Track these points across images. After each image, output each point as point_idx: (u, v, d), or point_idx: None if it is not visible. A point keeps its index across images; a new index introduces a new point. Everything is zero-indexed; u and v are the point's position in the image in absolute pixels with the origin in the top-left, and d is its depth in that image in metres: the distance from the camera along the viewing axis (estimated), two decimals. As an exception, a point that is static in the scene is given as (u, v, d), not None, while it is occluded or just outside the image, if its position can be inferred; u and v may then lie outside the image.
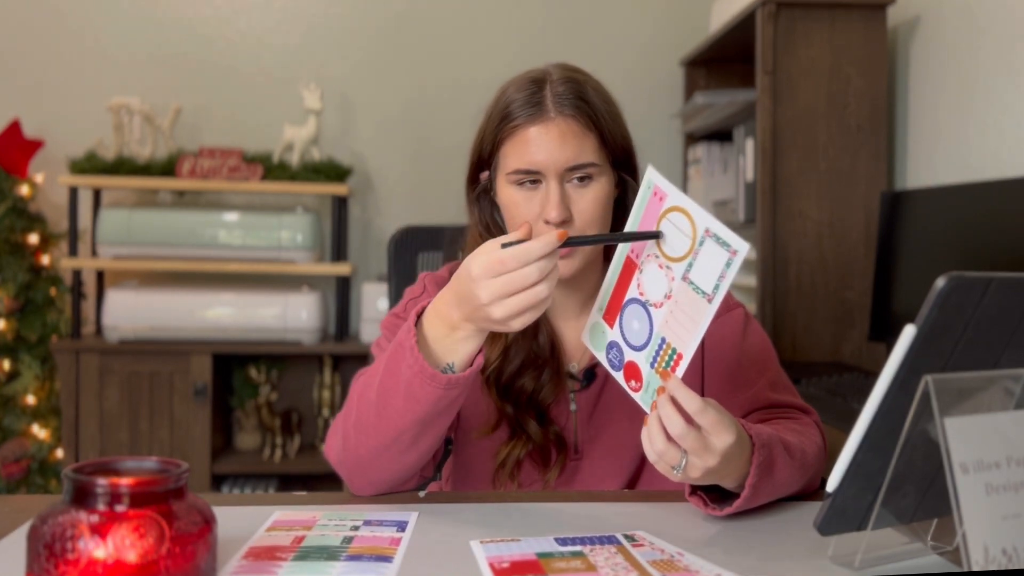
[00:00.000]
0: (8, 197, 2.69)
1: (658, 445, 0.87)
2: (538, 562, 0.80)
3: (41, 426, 2.72)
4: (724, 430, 0.87)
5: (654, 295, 0.93)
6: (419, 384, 0.94)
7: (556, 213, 1.07)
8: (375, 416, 0.98)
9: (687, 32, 3.12)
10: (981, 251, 1.89)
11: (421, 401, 0.95)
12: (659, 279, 0.93)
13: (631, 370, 0.96)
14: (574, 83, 1.11)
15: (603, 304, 1.00)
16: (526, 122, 1.09)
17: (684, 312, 0.90)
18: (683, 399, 0.86)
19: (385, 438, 0.98)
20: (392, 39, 3.11)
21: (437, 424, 0.99)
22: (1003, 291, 0.74)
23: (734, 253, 0.85)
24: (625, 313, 0.97)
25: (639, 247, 0.96)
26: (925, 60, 2.43)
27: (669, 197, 0.91)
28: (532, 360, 1.14)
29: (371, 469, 1.02)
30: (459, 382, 0.95)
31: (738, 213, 2.60)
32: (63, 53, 3.01)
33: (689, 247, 0.89)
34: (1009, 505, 0.73)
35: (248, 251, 2.80)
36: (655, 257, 0.93)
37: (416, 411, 0.96)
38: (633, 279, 0.96)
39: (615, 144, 1.13)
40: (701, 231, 0.88)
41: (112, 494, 0.66)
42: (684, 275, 0.90)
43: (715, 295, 0.87)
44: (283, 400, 3.00)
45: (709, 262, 0.88)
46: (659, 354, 0.93)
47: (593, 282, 1.19)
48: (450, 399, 0.96)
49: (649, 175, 0.94)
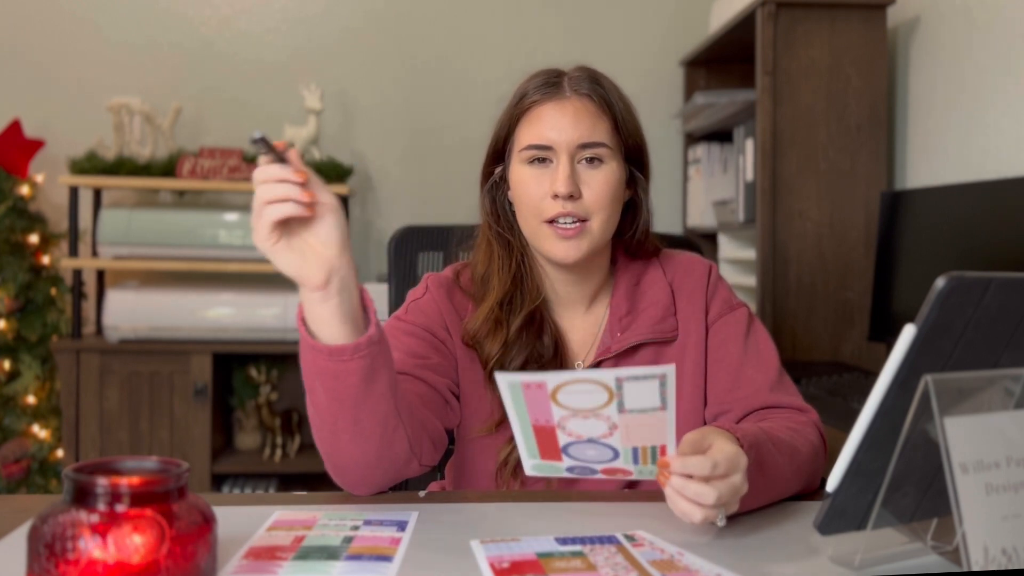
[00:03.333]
0: (8, 197, 2.69)
1: (698, 516, 0.85)
2: (538, 562, 0.80)
3: (41, 426, 2.72)
4: (734, 457, 0.86)
5: (594, 432, 0.86)
6: (313, 359, 0.92)
7: (564, 187, 1.08)
8: (312, 408, 0.97)
9: (687, 32, 3.13)
10: (981, 251, 1.89)
11: (327, 378, 0.92)
12: (591, 425, 0.86)
13: (611, 472, 0.91)
14: (591, 72, 1.16)
15: (533, 452, 0.90)
16: (541, 99, 1.13)
17: (643, 424, 0.85)
18: (694, 471, 0.84)
19: (329, 430, 0.96)
20: (392, 39, 3.11)
21: (368, 404, 0.93)
22: (1003, 291, 0.74)
23: (662, 376, 0.81)
24: (570, 450, 0.89)
25: (540, 415, 0.86)
26: (925, 60, 2.43)
27: (549, 380, 0.83)
28: (535, 358, 1.14)
29: (340, 466, 0.99)
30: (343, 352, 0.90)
31: (738, 213, 2.60)
32: (63, 53, 3.01)
33: (607, 397, 0.83)
34: (1009, 505, 0.73)
35: (248, 251, 2.80)
36: (572, 415, 0.85)
37: (331, 391, 0.93)
38: (557, 436, 0.88)
39: (628, 133, 1.14)
40: (612, 383, 0.82)
41: (112, 494, 0.66)
42: (620, 411, 0.84)
43: (666, 404, 0.83)
44: (283, 400, 3.00)
45: (640, 392, 0.82)
46: (638, 457, 0.88)
47: (599, 275, 1.20)
48: (355, 372, 0.91)
49: (500, 381, 0.84)
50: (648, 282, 1.20)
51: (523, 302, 1.16)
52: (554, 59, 1.19)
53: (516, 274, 1.18)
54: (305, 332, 0.94)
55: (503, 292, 1.16)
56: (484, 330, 1.15)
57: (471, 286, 1.20)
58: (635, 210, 1.20)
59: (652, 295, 1.19)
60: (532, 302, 1.16)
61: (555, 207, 1.10)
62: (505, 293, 1.16)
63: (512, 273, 1.17)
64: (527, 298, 1.17)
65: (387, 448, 0.97)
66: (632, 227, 1.20)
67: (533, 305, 1.16)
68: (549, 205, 1.11)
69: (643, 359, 1.16)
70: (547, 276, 1.19)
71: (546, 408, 0.85)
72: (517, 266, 1.18)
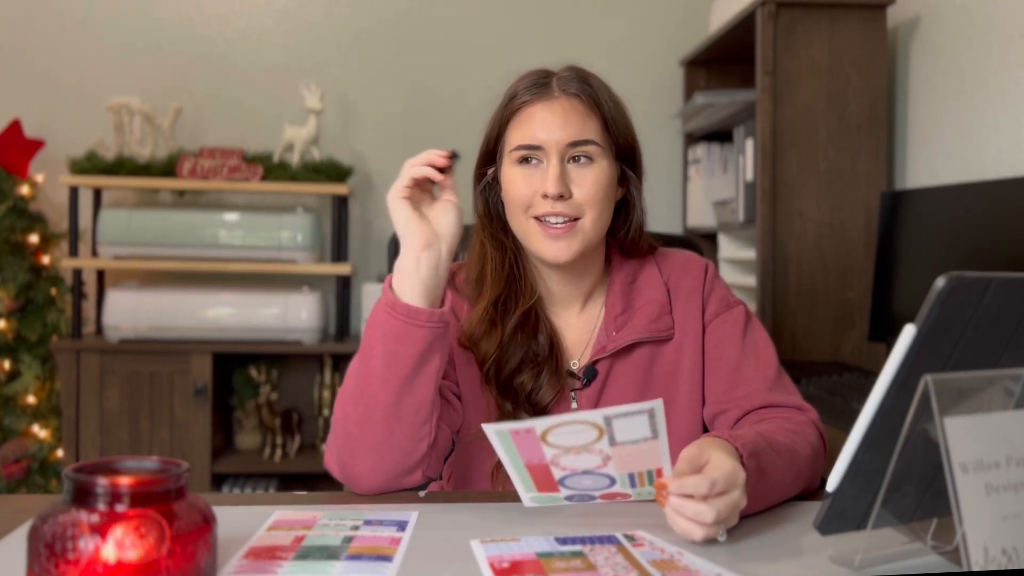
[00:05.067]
0: (8, 197, 2.69)
1: (700, 535, 0.85)
2: (538, 562, 0.80)
3: (41, 426, 2.72)
4: (732, 473, 0.86)
5: (588, 465, 0.87)
6: (386, 318, 1.00)
7: (553, 186, 1.09)
8: (355, 381, 1.02)
9: (687, 32, 3.13)
10: (981, 251, 1.89)
11: (391, 338, 0.99)
12: (584, 459, 0.86)
13: (609, 496, 0.92)
14: (580, 71, 1.16)
15: (529, 487, 0.91)
16: (531, 100, 1.13)
17: (636, 453, 0.85)
18: (692, 490, 0.84)
19: (366, 401, 1.00)
20: (392, 39, 3.11)
21: (414, 385, 1.00)
22: (1003, 291, 0.74)
23: (650, 411, 0.82)
24: (566, 482, 0.90)
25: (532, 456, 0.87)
26: (925, 60, 2.43)
27: (537, 425, 0.84)
28: (531, 359, 1.14)
29: (359, 450, 1.01)
30: (419, 315, 0.99)
31: (738, 213, 2.60)
32: (63, 53, 3.01)
33: (597, 434, 0.84)
34: (1009, 505, 0.73)
35: (248, 251, 2.80)
36: (564, 452, 0.86)
37: (390, 355, 0.99)
38: (551, 472, 0.89)
39: (618, 132, 1.14)
40: (600, 422, 0.83)
41: (112, 494, 0.66)
42: (612, 444, 0.85)
43: (657, 434, 0.83)
44: (283, 400, 3.00)
45: (630, 426, 0.83)
46: (635, 481, 0.89)
47: (593, 273, 1.20)
48: (418, 340, 0.99)
49: (489, 432, 0.86)
50: (644, 280, 1.20)
51: (517, 302, 1.16)
52: (554, 59, 1.19)
53: (510, 274, 1.18)
54: (389, 291, 1.02)
55: (497, 292, 1.16)
56: (480, 331, 1.15)
57: (467, 287, 1.20)
58: (628, 208, 1.20)
59: (648, 293, 1.19)
60: (527, 301, 1.16)
61: (544, 206, 1.11)
62: (499, 293, 1.16)
63: (506, 273, 1.18)
64: (521, 298, 1.17)
65: (408, 441, 1.01)
66: (626, 226, 1.20)
67: (527, 304, 1.16)
68: (539, 204, 1.11)
69: (639, 358, 1.16)
70: (541, 275, 1.19)
71: (537, 449, 0.86)
72: (511, 266, 1.18)
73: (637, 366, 1.16)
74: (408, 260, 1.02)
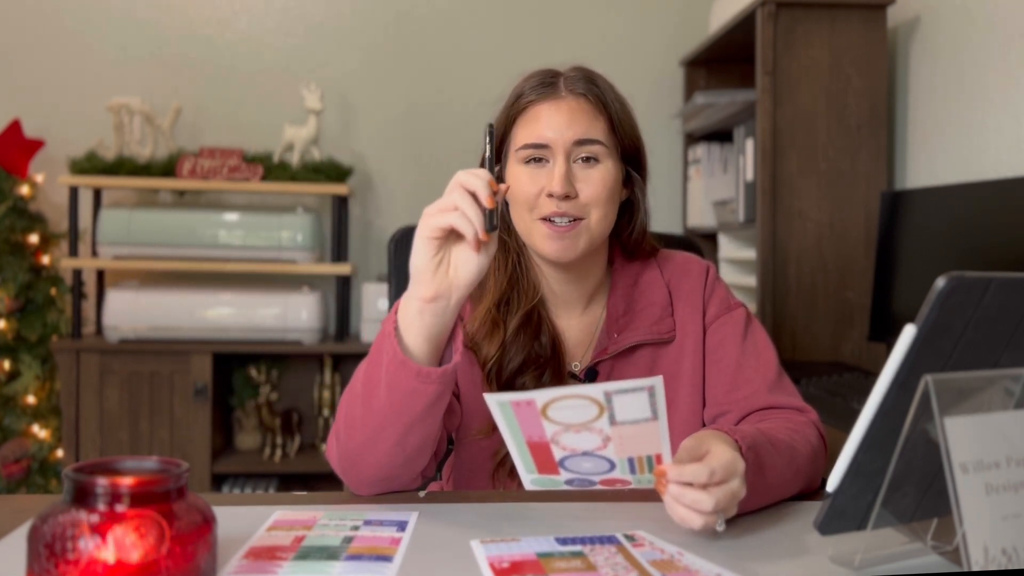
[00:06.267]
0: (8, 197, 2.69)
1: (698, 523, 0.85)
2: (538, 562, 0.80)
3: (41, 426, 2.72)
4: (731, 463, 0.86)
5: (588, 445, 0.87)
6: (394, 370, 0.95)
7: (559, 186, 1.08)
8: (361, 408, 0.99)
9: (687, 32, 3.13)
10: (981, 251, 1.89)
11: (399, 391, 0.95)
12: (584, 438, 0.86)
13: (609, 482, 0.92)
14: (586, 72, 1.16)
15: (530, 467, 0.91)
16: (537, 99, 1.13)
17: (636, 435, 0.85)
18: (691, 478, 0.84)
19: (371, 432, 0.98)
20: (392, 39, 3.11)
21: (421, 425, 0.97)
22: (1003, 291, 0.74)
23: (650, 388, 0.81)
24: (567, 463, 0.90)
25: (533, 432, 0.87)
26: (925, 60, 2.43)
27: (538, 397, 0.84)
28: (533, 359, 1.14)
29: (362, 465, 1.01)
30: (430, 376, 0.94)
31: (738, 213, 2.60)
32: (63, 53, 3.01)
33: (597, 410, 0.83)
34: (1009, 505, 0.73)
35: (248, 251, 2.80)
36: (564, 429, 0.86)
37: (396, 403, 0.96)
38: (552, 451, 0.88)
39: (624, 133, 1.14)
40: (601, 397, 0.82)
41: (112, 494, 0.66)
42: (612, 423, 0.84)
43: (657, 414, 0.83)
44: (283, 400, 3.00)
45: (630, 404, 0.82)
46: (635, 467, 0.89)
47: (596, 275, 1.20)
48: (427, 395, 0.95)
49: (490, 401, 0.85)
50: (646, 283, 1.20)
51: (520, 302, 1.16)
52: (555, 59, 1.19)
53: (512, 274, 1.18)
54: (396, 343, 0.96)
55: (500, 293, 1.16)
56: (482, 331, 1.15)
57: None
58: (632, 210, 1.20)
59: (650, 296, 1.19)
60: (529, 302, 1.16)
61: (550, 206, 1.10)
62: (502, 294, 1.16)
63: (508, 273, 1.17)
64: (524, 298, 1.16)
65: (412, 463, 1.01)
66: (629, 227, 1.20)
67: (530, 305, 1.16)
68: (544, 203, 1.11)
69: (640, 360, 1.16)
70: (544, 276, 1.19)
71: (538, 425, 0.86)
72: (514, 267, 1.18)
73: (638, 368, 1.16)
74: (412, 307, 0.97)
